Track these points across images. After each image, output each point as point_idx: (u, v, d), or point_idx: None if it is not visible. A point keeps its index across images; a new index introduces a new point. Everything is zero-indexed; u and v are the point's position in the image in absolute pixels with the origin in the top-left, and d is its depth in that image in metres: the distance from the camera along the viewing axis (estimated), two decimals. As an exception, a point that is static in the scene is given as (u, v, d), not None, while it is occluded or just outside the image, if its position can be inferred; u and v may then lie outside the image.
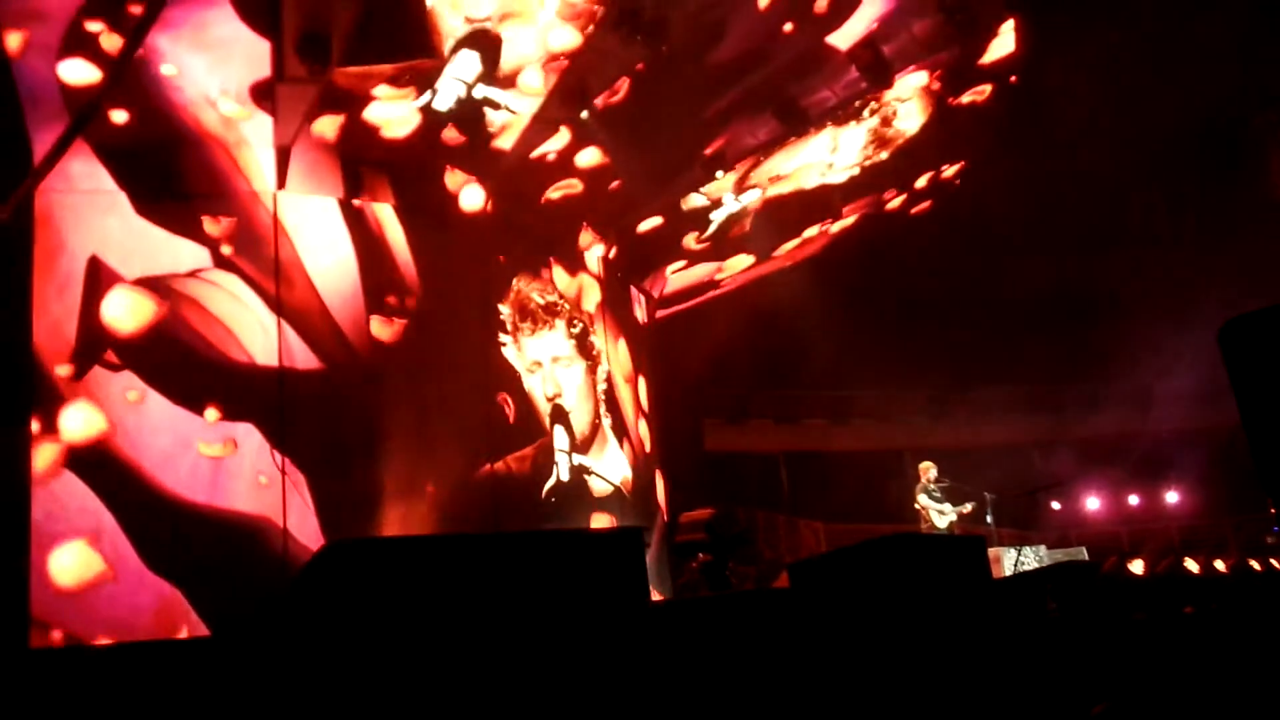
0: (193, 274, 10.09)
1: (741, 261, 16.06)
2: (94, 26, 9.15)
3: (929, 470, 13.47)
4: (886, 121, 13.13)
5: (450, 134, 10.84)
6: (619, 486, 12.64)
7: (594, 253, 13.27)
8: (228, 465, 9.86)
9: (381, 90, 10.05)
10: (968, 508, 13.17)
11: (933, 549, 6.37)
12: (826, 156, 13.52)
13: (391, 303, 10.85)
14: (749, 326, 17.42)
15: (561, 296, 12.62)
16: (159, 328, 9.90)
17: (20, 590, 9.07)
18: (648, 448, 13.87)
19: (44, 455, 9.42)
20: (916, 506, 13.42)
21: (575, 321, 12.70)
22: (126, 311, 9.86)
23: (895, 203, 15.67)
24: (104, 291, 9.84)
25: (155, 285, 9.97)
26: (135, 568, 9.38)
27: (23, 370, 9.52)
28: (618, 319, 13.64)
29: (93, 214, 9.96)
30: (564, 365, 12.39)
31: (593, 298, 13.12)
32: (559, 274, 12.70)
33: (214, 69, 9.63)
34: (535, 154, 11.43)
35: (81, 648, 8.83)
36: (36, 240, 9.75)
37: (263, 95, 9.81)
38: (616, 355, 13.35)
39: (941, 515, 13.14)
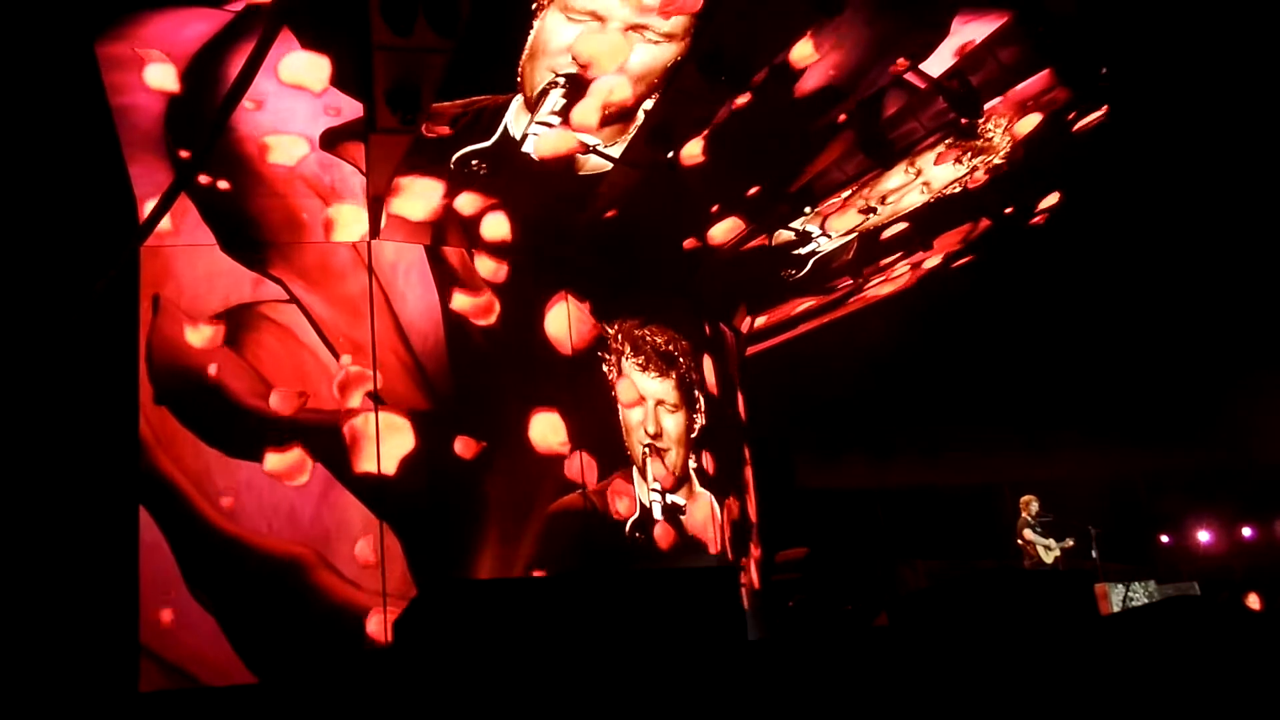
0: (278, 317, 10.33)
1: (833, 297, 15.96)
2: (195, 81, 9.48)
3: (1031, 504, 13.18)
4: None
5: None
6: (711, 525, 12.56)
7: (689, 294, 13.26)
8: (322, 511, 10.03)
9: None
10: (1069, 542, 12.88)
11: (1036, 585, 6.23)
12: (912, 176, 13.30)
13: (478, 345, 10.96)
14: (841, 361, 17.27)
15: (677, 347, 12.65)
16: (248, 372, 10.14)
17: (130, 633, 9.32)
18: (740, 485, 13.79)
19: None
20: (1020, 542, 13.13)
21: (687, 371, 12.72)
22: (216, 353, 10.15)
23: (989, 231, 15.42)
24: (188, 333, 10.14)
25: (242, 329, 10.25)
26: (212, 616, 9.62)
27: (131, 417, 9.84)
28: (711, 357, 13.62)
29: (188, 262, 10.28)
30: (668, 410, 12.40)
31: (691, 338, 13.12)
32: (666, 317, 12.78)
33: (311, 116, 9.89)
34: (626, 194, 11.48)
35: (187, 690, 9.03)
36: (142, 293, 10.11)
37: (356, 143, 10.06)
38: (710, 393, 13.32)
39: (1048, 550, 12.87)
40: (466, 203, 10.90)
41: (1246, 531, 21.09)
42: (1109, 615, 10.57)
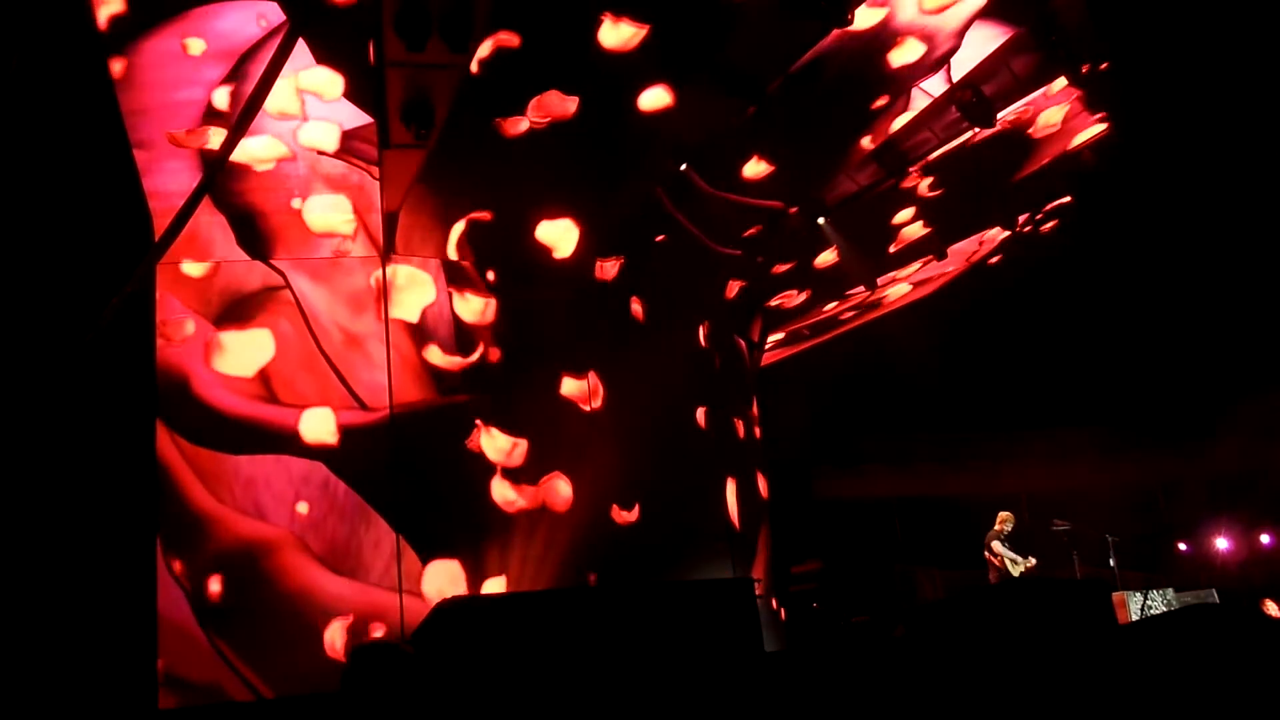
0: (287, 317, 10.40)
1: (851, 305, 15.96)
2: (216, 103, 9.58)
3: (1008, 522, 13.15)
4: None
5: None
6: (731, 535, 12.52)
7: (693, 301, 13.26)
8: (342, 520, 10.07)
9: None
10: (1032, 561, 12.91)
11: (1054, 594, 6.20)
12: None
13: (491, 357, 10.96)
14: (859, 370, 17.25)
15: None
16: (264, 381, 10.20)
17: (149, 654, 9.35)
18: (758, 496, 13.77)
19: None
20: (987, 555, 13.12)
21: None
22: (234, 362, 10.23)
23: (1003, 238, 15.41)
24: (198, 336, 10.23)
25: (260, 340, 10.32)
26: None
27: (149, 430, 9.89)
28: (723, 364, 13.61)
29: (208, 276, 10.36)
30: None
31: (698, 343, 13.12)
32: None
33: (326, 128, 9.98)
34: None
35: (209, 706, 9.05)
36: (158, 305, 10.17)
37: (372, 157, 10.13)
38: (726, 403, 13.30)
39: (1015, 564, 12.88)
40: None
41: (1265, 539, 20.94)
42: (1127, 624, 10.52)
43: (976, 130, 11.67)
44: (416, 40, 8.61)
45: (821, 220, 12.83)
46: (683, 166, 11.16)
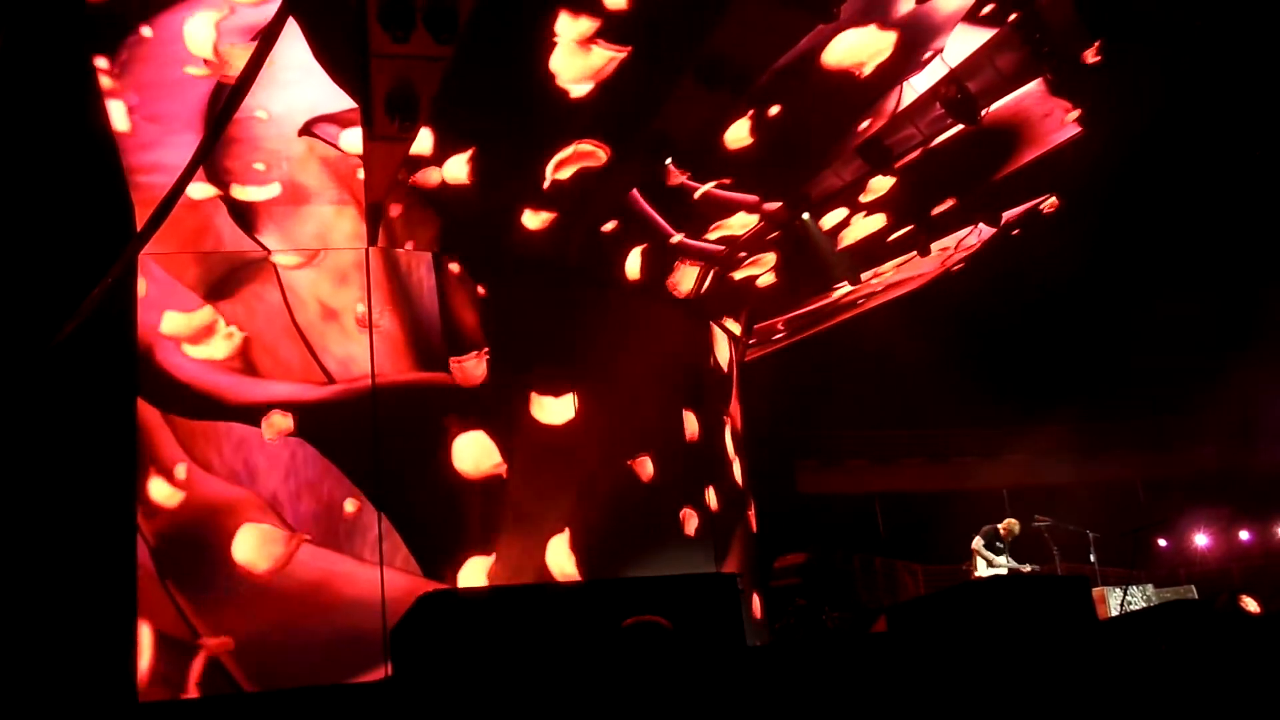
0: (270, 296, 10.38)
1: (835, 299, 15.96)
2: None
3: (1010, 531, 13.02)
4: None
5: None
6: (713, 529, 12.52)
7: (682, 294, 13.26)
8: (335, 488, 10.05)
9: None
10: (1026, 567, 12.88)
11: (1035, 591, 6.23)
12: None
13: (478, 350, 10.91)
14: (843, 365, 17.25)
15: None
16: (242, 352, 10.20)
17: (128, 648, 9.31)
18: (739, 489, 13.77)
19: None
20: (973, 548, 13.08)
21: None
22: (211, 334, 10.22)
23: (990, 234, 15.40)
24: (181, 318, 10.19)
25: (236, 307, 10.29)
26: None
27: (132, 420, 9.85)
28: (707, 359, 13.61)
29: (192, 265, 10.30)
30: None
31: (686, 341, 13.10)
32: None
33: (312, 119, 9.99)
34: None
35: (190, 700, 9.02)
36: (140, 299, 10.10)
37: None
38: (709, 396, 13.30)
39: (990, 567, 12.82)
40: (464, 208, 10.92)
41: (1244, 535, 21.11)
42: (1107, 619, 10.57)
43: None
44: (401, 31, 8.55)
45: (806, 215, 12.83)
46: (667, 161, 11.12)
